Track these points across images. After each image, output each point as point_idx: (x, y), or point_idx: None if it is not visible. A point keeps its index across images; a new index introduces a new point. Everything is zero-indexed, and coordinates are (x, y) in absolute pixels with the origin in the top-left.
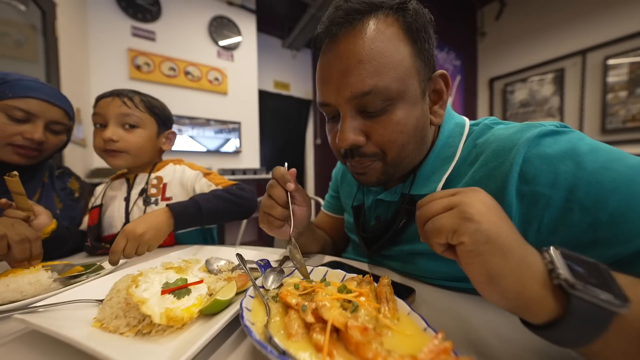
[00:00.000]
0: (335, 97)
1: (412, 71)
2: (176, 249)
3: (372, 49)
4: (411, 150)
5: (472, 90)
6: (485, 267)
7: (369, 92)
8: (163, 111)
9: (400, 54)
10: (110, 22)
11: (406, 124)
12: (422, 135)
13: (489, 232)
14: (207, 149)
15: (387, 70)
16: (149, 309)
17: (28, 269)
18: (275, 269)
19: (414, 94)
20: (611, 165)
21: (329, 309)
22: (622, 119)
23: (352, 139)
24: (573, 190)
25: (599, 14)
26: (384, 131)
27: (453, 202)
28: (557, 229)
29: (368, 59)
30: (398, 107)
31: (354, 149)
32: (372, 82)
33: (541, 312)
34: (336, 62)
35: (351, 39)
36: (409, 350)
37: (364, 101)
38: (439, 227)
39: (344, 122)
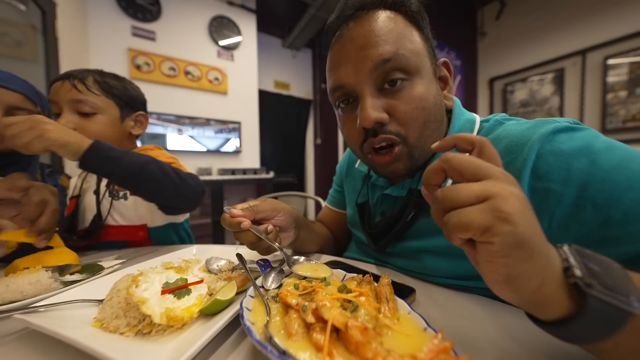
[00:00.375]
0: (354, 74)
1: (424, 50)
2: (176, 249)
3: (388, 26)
4: (432, 130)
5: (472, 90)
6: (508, 268)
7: (390, 59)
8: (125, 91)
9: (412, 35)
10: (110, 22)
11: (426, 99)
12: (441, 114)
13: (523, 236)
14: (207, 149)
15: (404, 43)
16: (149, 308)
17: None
18: (275, 269)
19: (429, 72)
20: (627, 164)
21: (329, 309)
22: (622, 119)
23: (375, 115)
24: (586, 187)
25: (599, 14)
26: (407, 107)
27: (487, 191)
28: (567, 225)
29: (385, 33)
30: (416, 82)
31: (377, 128)
32: (392, 49)
33: (553, 309)
34: (352, 42)
35: (365, 23)
36: (409, 350)
37: (385, 71)
38: (467, 224)
39: (365, 100)
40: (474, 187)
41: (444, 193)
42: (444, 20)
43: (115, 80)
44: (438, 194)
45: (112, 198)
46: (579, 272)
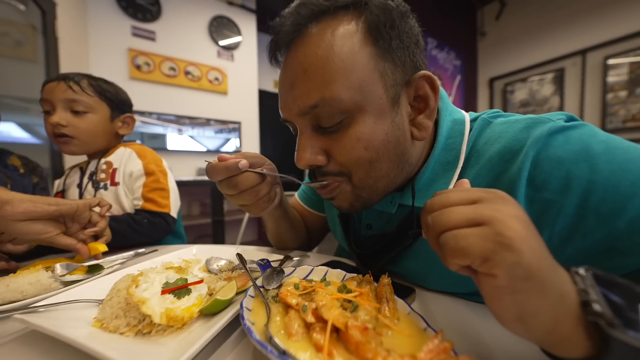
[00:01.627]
0: (288, 112)
1: (372, 76)
2: (175, 249)
3: (318, 55)
4: (385, 170)
5: (472, 90)
6: (519, 307)
7: (315, 105)
8: (117, 95)
9: (355, 57)
10: (110, 22)
11: (370, 139)
12: (398, 152)
13: (530, 267)
14: (207, 149)
15: (336, 78)
16: (149, 308)
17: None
18: (275, 269)
19: (378, 103)
20: (629, 167)
21: (329, 309)
22: (622, 119)
23: (307, 158)
24: (587, 196)
25: (599, 14)
26: (343, 149)
27: (480, 216)
28: (570, 238)
29: (313, 68)
30: (358, 120)
31: (315, 169)
32: (318, 94)
33: (572, 350)
34: (285, 74)
35: (300, 47)
36: (409, 350)
37: (315, 115)
38: (463, 248)
39: (300, 139)
40: (465, 208)
41: (433, 218)
42: (443, 20)
43: (106, 84)
44: (428, 220)
45: (94, 189)
46: (599, 308)
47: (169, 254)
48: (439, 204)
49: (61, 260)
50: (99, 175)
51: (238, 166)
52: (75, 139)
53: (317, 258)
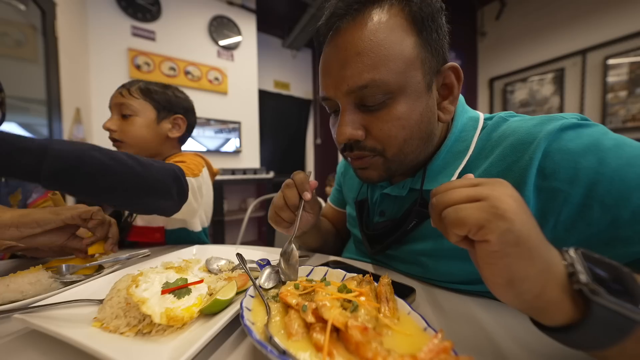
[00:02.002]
0: (334, 91)
1: (415, 63)
2: (175, 249)
3: (372, 40)
4: (415, 147)
5: (472, 90)
6: (509, 270)
7: (365, 85)
8: (163, 95)
9: (402, 45)
10: (110, 22)
11: (408, 118)
12: (428, 131)
13: (520, 233)
14: (207, 149)
15: (386, 63)
16: (149, 308)
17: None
18: (273, 268)
19: (417, 88)
20: (637, 162)
21: (329, 309)
22: (622, 119)
23: (349, 133)
24: (593, 186)
25: (599, 14)
26: (383, 125)
27: (479, 193)
28: (574, 225)
29: (366, 51)
30: (399, 101)
31: (353, 143)
32: (369, 76)
33: (557, 315)
34: (335, 54)
35: (351, 31)
36: (409, 349)
37: (361, 94)
38: (462, 218)
39: (343, 115)
40: (466, 189)
41: (437, 197)
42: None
43: (157, 87)
44: (432, 200)
45: None
46: (584, 278)
47: (169, 254)
48: (443, 188)
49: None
50: None
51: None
52: (125, 143)
53: (317, 258)
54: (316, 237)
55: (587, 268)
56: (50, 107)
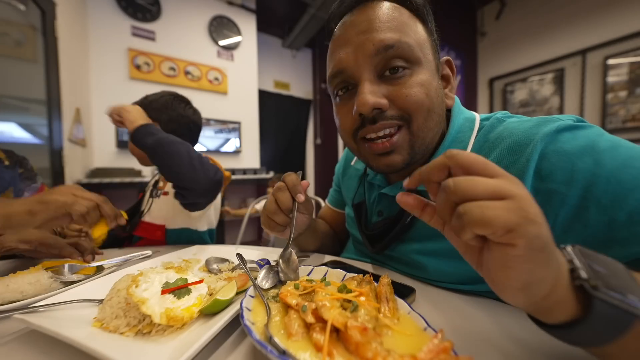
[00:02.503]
0: (354, 58)
1: (428, 42)
2: (176, 249)
3: (392, 14)
4: (435, 122)
5: (472, 90)
6: (529, 274)
7: (392, 45)
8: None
9: (416, 26)
10: (110, 22)
11: (430, 87)
12: (442, 108)
13: (547, 239)
14: (207, 149)
15: (408, 31)
16: (149, 308)
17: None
18: (271, 268)
19: (431, 65)
20: (632, 163)
21: (329, 309)
22: (622, 119)
23: (374, 100)
24: (590, 187)
25: (599, 14)
26: (409, 91)
27: (505, 190)
28: (572, 227)
29: (389, 20)
30: (418, 71)
31: (376, 115)
32: (395, 37)
33: (560, 313)
34: (354, 27)
35: (369, 10)
36: (409, 349)
37: (387, 57)
38: (490, 219)
39: (363, 85)
40: (491, 181)
41: (457, 182)
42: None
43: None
44: (449, 182)
45: (151, 197)
46: (584, 274)
47: (169, 254)
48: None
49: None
50: (159, 183)
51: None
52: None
53: (317, 258)
54: (312, 239)
55: (586, 264)
56: (50, 107)
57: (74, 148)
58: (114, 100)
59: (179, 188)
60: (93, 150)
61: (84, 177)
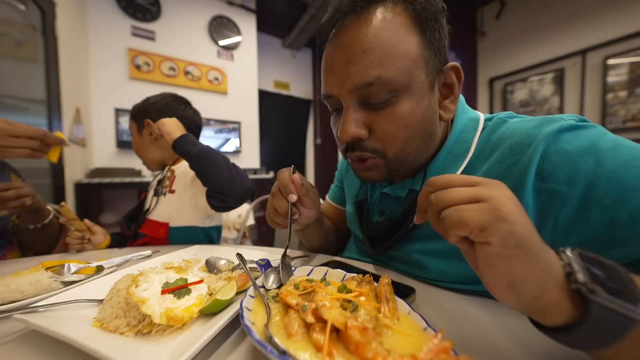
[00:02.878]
0: (338, 88)
1: (419, 61)
2: (175, 249)
3: (377, 38)
4: (416, 146)
5: (472, 90)
6: (510, 272)
7: (371, 83)
8: (137, 106)
9: (407, 43)
10: (110, 22)
11: (411, 117)
12: (429, 130)
13: (521, 236)
14: None
15: (391, 61)
16: (149, 308)
17: None
18: (275, 269)
19: (421, 86)
20: (634, 163)
21: (329, 309)
22: (622, 119)
23: (353, 131)
24: (591, 187)
25: (599, 14)
26: (387, 125)
27: (480, 194)
28: (573, 227)
29: (372, 49)
30: (403, 99)
31: (355, 143)
32: (375, 73)
33: (556, 315)
34: (340, 51)
35: (356, 28)
36: (409, 349)
37: (366, 92)
38: (465, 220)
39: (346, 114)
40: (466, 189)
41: (437, 195)
42: None
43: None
44: (432, 197)
45: (156, 195)
46: (581, 278)
47: (169, 253)
48: (442, 182)
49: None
50: (165, 182)
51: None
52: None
53: (317, 258)
54: (318, 233)
55: (584, 267)
56: (50, 107)
57: (74, 148)
58: (114, 100)
59: (218, 193)
60: (93, 150)
61: (84, 177)
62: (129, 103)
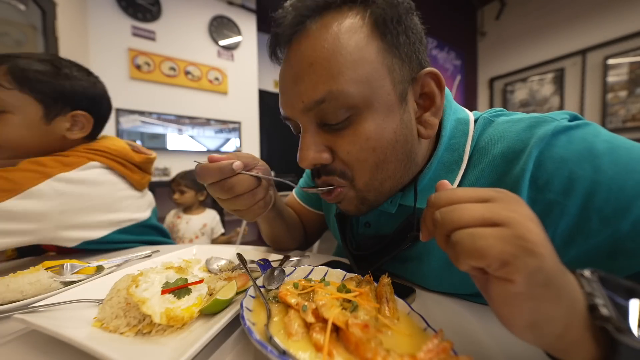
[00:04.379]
0: (291, 110)
1: (380, 71)
2: (175, 249)
3: (325, 48)
4: (391, 171)
5: (472, 90)
6: (534, 314)
7: (322, 99)
8: (52, 83)
9: (362, 51)
10: (110, 22)
11: (379, 138)
12: (405, 151)
13: (550, 273)
14: (207, 149)
15: (343, 71)
16: (149, 308)
17: None
18: (276, 269)
19: (386, 100)
20: (634, 167)
21: (329, 308)
22: (622, 119)
23: (312, 156)
24: (590, 197)
25: (599, 14)
26: (351, 148)
27: (498, 216)
28: (573, 239)
29: (320, 60)
30: (365, 117)
31: (320, 168)
32: (325, 88)
33: (578, 355)
34: (288, 69)
35: (303, 42)
36: (409, 350)
37: (321, 111)
38: (482, 249)
39: (303, 138)
40: (479, 207)
41: (443, 214)
42: (443, 20)
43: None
44: (437, 216)
45: None
46: (606, 312)
47: (169, 253)
48: (445, 200)
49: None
50: None
51: (232, 167)
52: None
53: (317, 258)
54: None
55: (608, 297)
56: None
57: None
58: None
59: None
60: None
61: None
62: (129, 103)
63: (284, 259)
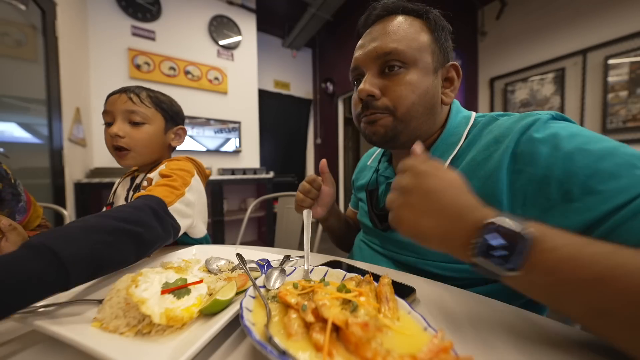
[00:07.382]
0: (363, 59)
1: (427, 48)
2: (175, 249)
3: (398, 27)
4: (420, 113)
5: (472, 90)
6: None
7: (389, 52)
8: (171, 106)
9: (419, 34)
10: (110, 22)
11: (417, 86)
12: (432, 103)
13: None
14: (207, 149)
15: (406, 41)
16: (148, 308)
17: None
18: (277, 269)
19: (426, 66)
20: (586, 147)
21: (329, 308)
22: (623, 119)
23: (369, 89)
24: (550, 167)
25: (600, 14)
26: (397, 87)
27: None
28: (537, 201)
29: (393, 31)
30: (411, 71)
31: (369, 102)
32: (393, 45)
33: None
34: (370, 35)
35: (385, 23)
36: (409, 350)
37: (384, 61)
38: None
39: (366, 78)
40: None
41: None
42: None
43: (163, 96)
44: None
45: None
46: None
47: (169, 254)
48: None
49: None
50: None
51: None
52: (132, 152)
53: (317, 258)
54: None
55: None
56: (50, 107)
57: (74, 148)
58: None
59: None
60: (93, 150)
61: (83, 176)
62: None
63: (284, 259)
